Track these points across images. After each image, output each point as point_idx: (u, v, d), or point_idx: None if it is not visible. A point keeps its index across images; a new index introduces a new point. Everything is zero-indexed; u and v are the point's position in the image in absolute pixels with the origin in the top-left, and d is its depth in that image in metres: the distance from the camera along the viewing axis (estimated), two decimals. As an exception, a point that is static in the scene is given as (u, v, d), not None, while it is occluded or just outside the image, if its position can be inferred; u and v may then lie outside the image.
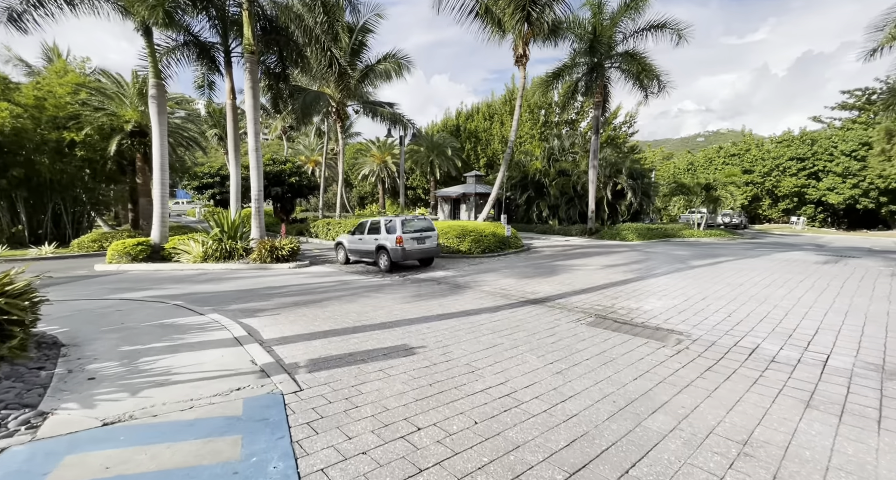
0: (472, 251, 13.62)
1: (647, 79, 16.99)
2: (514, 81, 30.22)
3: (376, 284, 8.91)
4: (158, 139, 12.22)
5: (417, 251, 10.83)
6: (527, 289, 8.11)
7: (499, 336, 5.01)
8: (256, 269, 11.43)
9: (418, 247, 10.84)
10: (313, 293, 7.83)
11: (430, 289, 8.26)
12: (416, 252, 10.80)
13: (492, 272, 10.32)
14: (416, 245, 10.80)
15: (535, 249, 15.61)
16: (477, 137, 31.50)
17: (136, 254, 11.62)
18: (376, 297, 7.48)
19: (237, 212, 13.82)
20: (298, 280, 9.45)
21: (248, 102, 12.24)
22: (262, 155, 12.71)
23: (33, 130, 15.90)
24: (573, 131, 26.43)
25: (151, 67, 12.21)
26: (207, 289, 8.28)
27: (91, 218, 20.45)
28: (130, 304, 6.29)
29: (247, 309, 6.44)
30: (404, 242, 10.47)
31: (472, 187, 25.67)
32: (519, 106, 15.47)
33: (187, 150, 19.96)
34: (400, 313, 6.26)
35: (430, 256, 11.39)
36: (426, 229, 11.23)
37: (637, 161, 21.83)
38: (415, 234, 10.86)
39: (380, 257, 10.92)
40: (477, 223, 14.88)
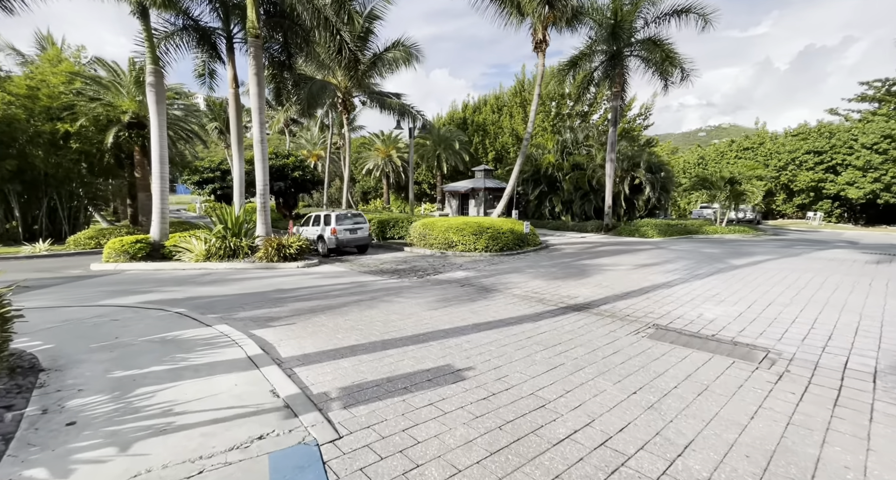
0: (489, 249, 12.89)
1: (671, 67, 16.11)
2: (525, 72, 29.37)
3: (395, 286, 8.20)
4: (157, 130, 11.45)
5: (351, 240, 13.04)
6: (562, 292, 7.39)
7: (554, 354, 4.29)
8: (263, 268, 10.73)
9: (351, 236, 13.05)
10: (329, 297, 7.12)
11: (455, 292, 7.54)
12: (348, 241, 12.96)
13: (516, 273, 9.61)
14: (349, 235, 13.01)
15: (553, 246, 14.88)
16: (485, 131, 30.61)
17: (134, 252, 10.91)
18: (398, 302, 6.77)
19: (241, 207, 13.09)
20: (310, 281, 8.73)
21: (253, 90, 11.44)
22: (267, 147, 11.94)
23: (26, 120, 15.13)
24: (586, 124, 25.56)
25: (149, 52, 11.39)
26: (212, 292, 7.57)
27: (88, 214, 19.73)
28: (126, 312, 5.58)
29: (258, 317, 5.73)
30: (338, 232, 12.67)
31: (482, 182, 24.87)
32: (537, 95, 14.65)
33: (187, 143, 19.16)
34: (430, 322, 5.55)
35: (363, 243, 13.51)
36: (358, 222, 13.42)
37: (654, 154, 21.00)
38: (348, 226, 13.01)
39: (319, 244, 13.04)
40: (493, 220, 14.14)
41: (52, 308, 5.82)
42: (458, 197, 26.55)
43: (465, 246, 13.07)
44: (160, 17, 12.42)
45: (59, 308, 5.87)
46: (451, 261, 11.80)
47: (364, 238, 13.38)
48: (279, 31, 13.09)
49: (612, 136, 18.32)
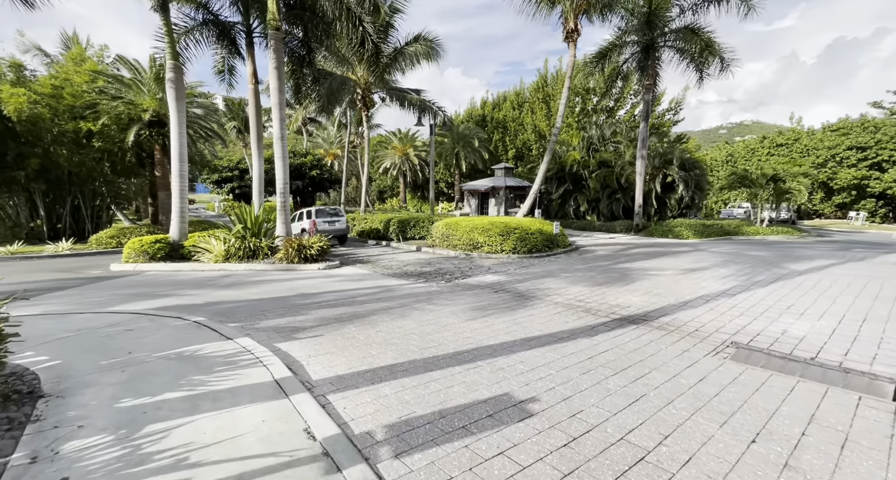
0: (517, 251, 12.21)
1: (711, 56, 15.06)
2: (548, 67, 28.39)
3: (423, 291, 7.63)
4: (177, 127, 11.16)
5: (328, 230, 14.85)
6: (609, 301, 6.69)
7: (629, 380, 3.63)
8: (283, 270, 10.31)
9: (329, 228, 15.02)
10: (355, 304, 6.59)
11: (490, 299, 6.92)
12: (326, 231, 14.60)
13: (551, 277, 8.92)
14: (327, 226, 15.00)
15: (583, 248, 14.09)
16: (505, 128, 29.83)
17: (153, 253, 10.64)
18: (431, 310, 6.19)
19: (260, 206, 12.75)
20: (333, 285, 8.24)
21: (273, 85, 11.03)
22: (286, 144, 11.53)
23: (50, 119, 15.16)
24: (612, 119, 24.52)
25: (168, 47, 11.10)
26: (232, 297, 7.14)
27: (111, 213, 19.85)
28: (142, 320, 5.14)
29: (282, 327, 5.23)
30: (317, 224, 14.43)
31: (502, 180, 24.14)
32: (567, 87, 13.86)
33: (207, 141, 19.04)
34: (471, 335, 4.94)
35: (340, 234, 15.53)
36: (336, 216, 15.63)
37: (687, 151, 19.89)
38: (326, 219, 15.20)
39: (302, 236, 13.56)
40: (520, 220, 13.44)
41: (67, 314, 5.44)
42: (478, 196, 25.88)
43: (491, 247, 12.43)
44: (180, 11, 12.16)
45: (74, 315, 5.49)
46: (477, 263, 11.18)
47: (341, 229, 15.54)
48: (299, 24, 12.67)
49: (644, 131, 17.36)
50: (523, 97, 29.53)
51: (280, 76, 11.03)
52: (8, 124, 14.15)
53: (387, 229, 16.82)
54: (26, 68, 15.31)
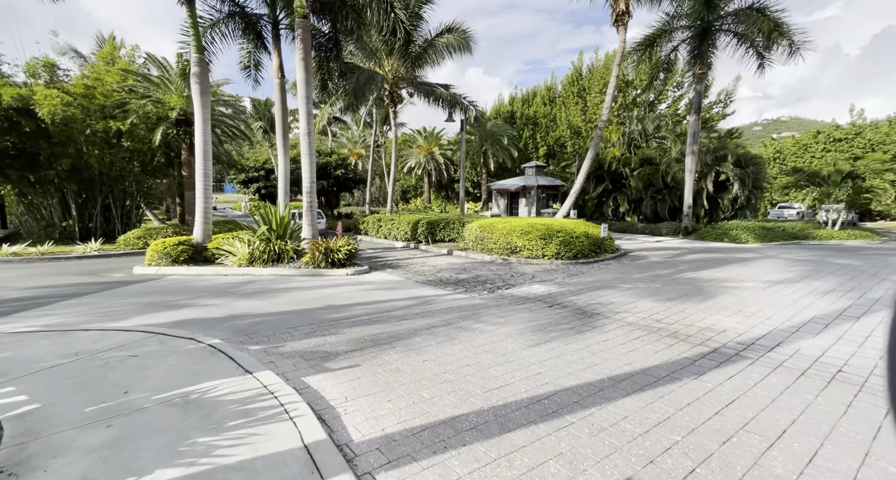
0: (560, 257, 11.07)
1: (780, 38, 13.37)
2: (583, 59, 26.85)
3: (466, 304, 6.67)
4: (201, 123, 10.65)
5: None
6: (695, 322, 5.53)
7: (801, 463, 2.53)
8: (310, 275, 9.59)
9: None
10: (392, 320, 5.69)
11: (548, 316, 5.88)
12: None
13: (610, 289, 7.78)
14: None
15: (632, 253, 12.79)
16: (535, 124, 28.50)
17: (176, 255, 10.14)
18: (481, 330, 5.22)
19: (286, 206, 12.12)
20: (363, 295, 7.39)
21: (300, 77, 10.33)
22: (314, 140, 10.82)
23: (82, 119, 15.12)
24: (652, 113, 22.82)
25: (194, 40, 10.60)
26: (255, 308, 6.39)
27: (141, 212, 19.89)
28: (150, 342, 4.39)
29: (311, 352, 4.38)
30: None
31: (534, 179, 22.91)
32: (615, 76, 12.59)
33: (233, 140, 18.74)
34: (541, 369, 3.94)
35: None
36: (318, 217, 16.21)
37: (741, 146, 18.11)
38: None
39: None
40: (563, 222, 12.28)
41: (71, 331, 4.77)
42: (507, 196, 24.72)
43: (531, 252, 11.35)
44: (205, 3, 11.70)
45: (78, 332, 4.81)
46: (518, 270, 10.14)
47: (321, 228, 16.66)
48: (327, 14, 11.97)
49: (695, 125, 15.79)
50: (554, 92, 28.11)
51: (307, 68, 10.32)
52: (41, 125, 14.13)
53: (415, 231, 15.98)
54: (59, 68, 15.33)
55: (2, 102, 13.02)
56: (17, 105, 13.28)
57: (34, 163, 14.57)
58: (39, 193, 15.48)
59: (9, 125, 13.61)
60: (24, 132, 13.97)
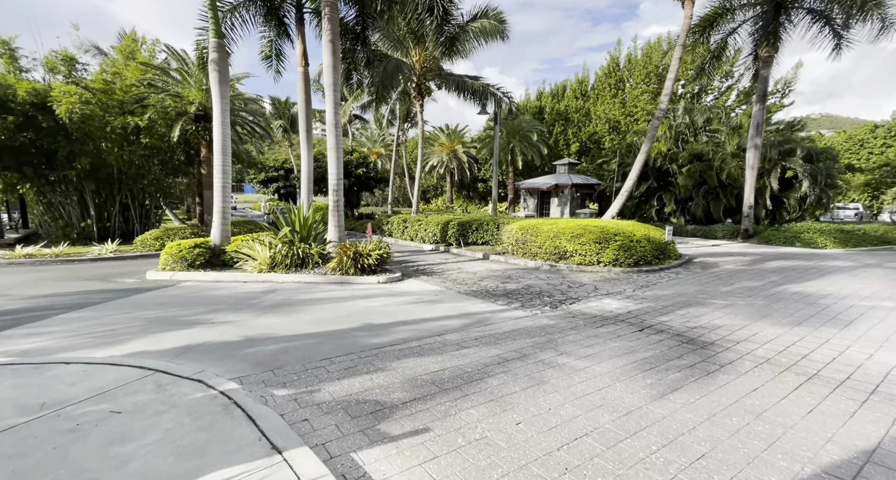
0: (619, 263, 9.67)
1: (876, 10, 11.53)
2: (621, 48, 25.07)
3: (532, 325, 5.41)
4: (220, 115, 9.71)
5: None
6: (860, 360, 4.14)
7: None
8: (337, 283, 8.50)
9: None
10: (448, 349, 4.48)
11: (648, 346, 4.58)
12: None
13: (700, 306, 6.40)
14: None
15: (696, 259, 11.26)
16: (567, 119, 26.91)
17: (192, 259, 9.21)
18: (573, 368, 3.96)
19: (310, 206, 11.10)
20: (404, 310, 6.21)
21: (327, 62, 9.26)
22: (342, 132, 9.74)
23: (101, 116, 14.52)
24: (699, 104, 20.98)
25: (212, 23, 9.68)
26: (278, 328, 5.28)
27: (161, 213, 19.35)
28: (145, 388, 3.29)
29: (356, 402, 3.20)
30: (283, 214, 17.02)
31: (567, 178, 21.41)
32: (678, 58, 11.07)
33: (252, 137, 17.95)
34: (704, 448, 2.65)
35: None
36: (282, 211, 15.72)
37: (810, 139, 16.21)
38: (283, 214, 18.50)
39: None
40: (619, 223, 10.87)
41: (48, 365, 3.71)
42: (537, 195, 23.27)
43: (583, 258, 9.99)
44: (226, -15, 10.76)
45: (58, 366, 3.76)
46: (572, 279, 8.81)
47: None
48: (355, -5, 10.90)
49: (759, 115, 14.06)
50: (587, 85, 26.47)
51: (335, 51, 9.24)
52: (59, 120, 13.55)
53: (445, 232, 14.79)
54: (78, 62, 14.79)
55: (17, 96, 12.44)
56: (33, 100, 12.69)
57: (52, 161, 14.03)
58: (58, 192, 14.97)
59: (25, 121, 13.06)
60: (41, 128, 13.42)
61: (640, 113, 22.50)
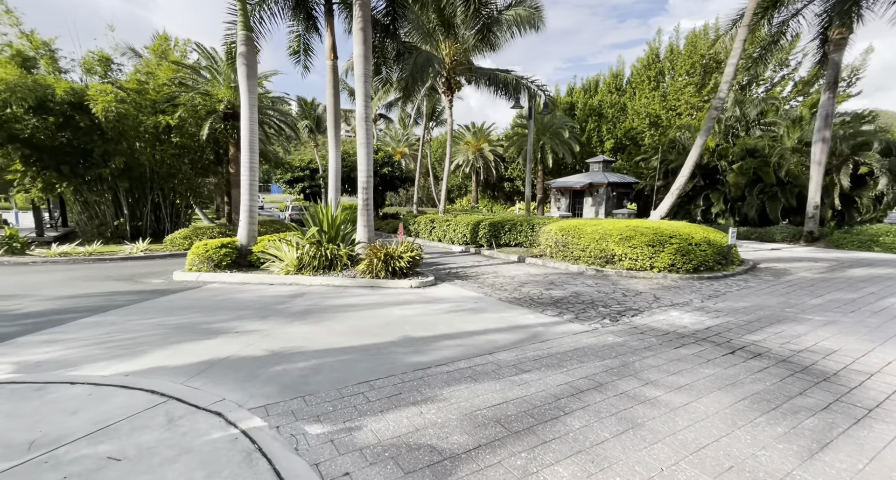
0: (676, 269, 8.68)
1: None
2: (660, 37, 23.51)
3: (597, 344, 4.63)
4: (247, 110, 9.35)
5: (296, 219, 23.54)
6: None
7: None
8: (367, 287, 7.94)
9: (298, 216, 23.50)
10: (505, 372, 3.77)
11: (750, 376, 3.72)
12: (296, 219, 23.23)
13: (793, 322, 5.42)
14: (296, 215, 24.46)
15: (761, 264, 10.09)
16: (600, 115, 25.61)
17: (218, 259, 8.87)
18: (667, 404, 3.16)
19: (338, 205, 10.63)
20: (444, 319, 5.54)
21: (357, 52, 8.73)
22: (372, 127, 9.20)
23: (134, 115, 14.64)
24: (747, 96, 19.35)
25: (241, 15, 9.34)
26: (307, 339, 4.72)
27: (191, 212, 19.52)
28: (154, 419, 2.75)
29: (407, 448, 2.54)
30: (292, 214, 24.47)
31: (602, 176, 20.25)
32: (741, 40, 9.89)
33: (279, 136, 17.79)
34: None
35: None
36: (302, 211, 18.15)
37: (885, 130, 14.52)
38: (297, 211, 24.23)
39: None
40: (674, 225, 9.84)
41: (52, 385, 3.25)
42: (569, 194, 22.17)
43: (634, 262, 9.05)
44: (254, -23, 10.44)
45: (62, 386, 3.29)
46: (624, 286, 7.91)
47: None
48: (386, -18, 10.35)
49: (829, 104, 12.60)
50: (622, 79, 25.08)
51: (366, 40, 8.69)
52: (95, 120, 13.70)
53: (475, 233, 14.07)
54: (113, 62, 14.98)
55: (56, 96, 12.60)
56: (71, 99, 12.84)
57: (87, 160, 14.23)
58: (93, 191, 15.20)
59: (63, 121, 13.25)
60: (79, 127, 13.59)
61: (684, 106, 21.00)
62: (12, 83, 11.74)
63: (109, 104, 13.22)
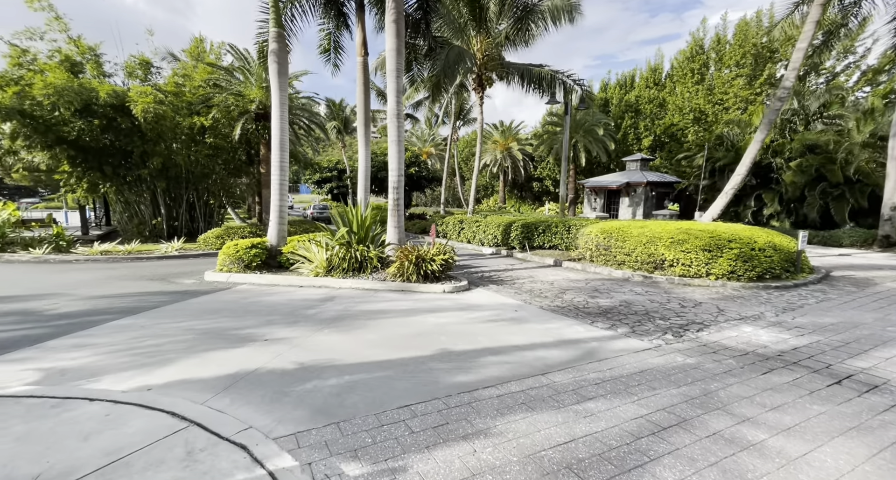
0: (737, 276, 7.81)
1: None
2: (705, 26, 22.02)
3: (666, 366, 4.01)
4: (278, 108, 9.21)
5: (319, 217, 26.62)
6: None
7: None
8: (398, 291, 7.56)
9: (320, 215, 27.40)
10: (566, 400, 3.24)
11: (888, 425, 3.00)
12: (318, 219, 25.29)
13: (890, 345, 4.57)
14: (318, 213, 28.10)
15: (834, 272, 9.00)
16: (637, 111, 24.34)
17: (248, 260, 8.75)
18: (777, 453, 2.54)
19: (367, 205, 10.36)
20: (483, 329, 5.05)
21: (390, 44, 8.37)
22: (403, 125, 8.83)
23: (171, 117, 15.01)
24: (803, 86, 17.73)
25: (273, 12, 9.21)
26: (339, 350, 4.35)
27: (223, 211, 19.94)
28: (173, 449, 2.43)
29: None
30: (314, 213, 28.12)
31: (640, 175, 19.15)
32: (813, 22, 8.81)
33: (309, 135, 17.82)
34: None
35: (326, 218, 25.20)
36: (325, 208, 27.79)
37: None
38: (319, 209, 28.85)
39: None
40: (733, 228, 8.93)
41: (70, 401, 3.00)
42: (604, 194, 21.13)
43: (687, 268, 8.24)
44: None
45: (79, 403, 3.04)
46: (680, 295, 7.15)
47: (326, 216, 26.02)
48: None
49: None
50: (661, 73, 23.72)
51: (399, 32, 8.32)
52: (135, 122, 14.11)
53: (507, 235, 13.50)
54: (153, 65, 15.41)
55: (99, 99, 13.01)
56: (113, 102, 13.24)
57: (128, 161, 14.67)
58: (133, 191, 15.69)
59: (106, 123, 13.70)
60: (120, 129, 14.03)
61: (732, 100, 19.48)
62: (60, 87, 12.19)
63: (148, 105, 13.55)
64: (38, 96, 12.08)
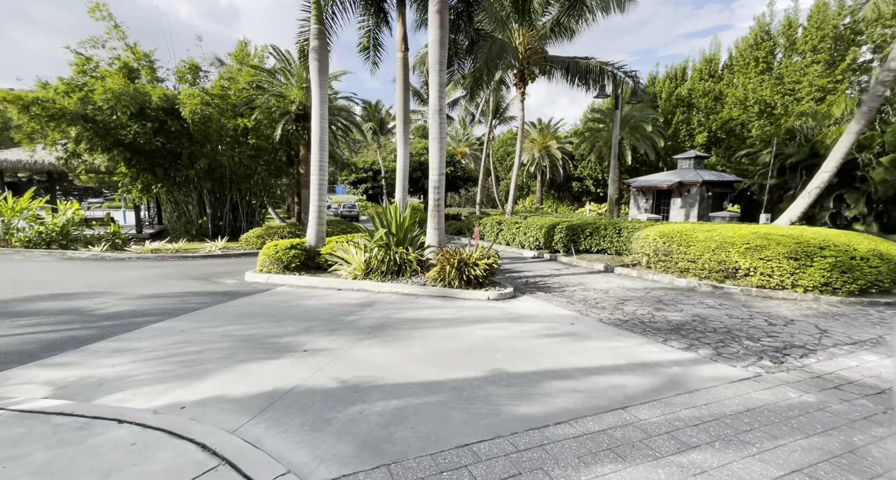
0: (832, 290, 6.70)
1: None
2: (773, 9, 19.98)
3: (778, 404, 3.25)
4: (318, 107, 9.03)
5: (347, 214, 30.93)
6: None
7: None
8: (439, 297, 7.09)
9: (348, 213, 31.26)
10: (662, 444, 2.60)
11: None
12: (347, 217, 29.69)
13: None
14: (347, 212, 31.45)
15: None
16: (690, 105, 22.58)
17: (287, 261, 8.62)
18: None
19: (405, 206, 9.99)
20: (539, 346, 4.45)
21: (433, 36, 7.94)
22: (445, 121, 8.36)
23: (217, 119, 15.46)
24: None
25: (314, 8, 9.07)
26: (383, 368, 3.92)
27: (264, 211, 20.44)
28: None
29: None
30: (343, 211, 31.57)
31: (694, 174, 17.63)
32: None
33: (346, 135, 17.84)
34: None
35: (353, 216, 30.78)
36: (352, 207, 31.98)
37: None
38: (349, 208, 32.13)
39: None
40: (822, 233, 7.76)
41: (98, 421, 2.73)
42: (653, 195, 19.69)
43: (766, 279, 7.21)
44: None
45: (107, 425, 2.78)
46: (762, 310, 6.19)
47: (354, 215, 30.98)
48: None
49: None
50: (716, 64, 21.82)
51: (442, 23, 7.87)
52: (184, 124, 14.63)
53: (550, 237, 12.73)
54: (201, 69, 15.96)
55: (152, 102, 13.56)
56: (163, 105, 13.76)
57: (177, 162, 15.24)
58: (181, 191, 16.32)
59: (158, 126, 14.28)
60: (170, 132, 14.59)
61: (806, 89, 17.42)
62: (118, 91, 12.80)
63: (196, 106, 13.98)
64: (98, 101, 12.74)
